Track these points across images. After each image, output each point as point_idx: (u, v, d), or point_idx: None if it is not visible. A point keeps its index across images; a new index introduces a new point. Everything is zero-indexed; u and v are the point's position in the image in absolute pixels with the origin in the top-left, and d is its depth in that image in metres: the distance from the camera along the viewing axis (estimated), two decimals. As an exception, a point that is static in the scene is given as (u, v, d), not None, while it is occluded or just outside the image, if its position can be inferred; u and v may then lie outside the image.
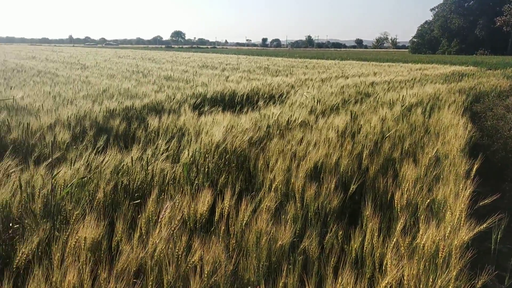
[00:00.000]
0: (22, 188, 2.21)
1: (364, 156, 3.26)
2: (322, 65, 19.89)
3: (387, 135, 3.92)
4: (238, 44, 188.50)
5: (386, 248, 1.80)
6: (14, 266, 1.71)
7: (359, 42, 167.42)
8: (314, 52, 66.30)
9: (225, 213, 2.14)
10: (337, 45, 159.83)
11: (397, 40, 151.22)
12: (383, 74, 13.66)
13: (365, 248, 1.86)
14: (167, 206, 2.10)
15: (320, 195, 2.44)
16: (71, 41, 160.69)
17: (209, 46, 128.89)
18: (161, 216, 2.05)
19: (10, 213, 2.16)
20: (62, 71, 13.16)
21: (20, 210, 2.11)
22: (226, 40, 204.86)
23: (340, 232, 2.05)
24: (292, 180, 2.66)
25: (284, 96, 7.35)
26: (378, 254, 1.82)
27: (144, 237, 1.99)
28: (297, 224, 2.01)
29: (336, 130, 3.97)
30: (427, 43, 75.59)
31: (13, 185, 2.29)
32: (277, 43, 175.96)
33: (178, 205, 2.14)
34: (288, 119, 4.36)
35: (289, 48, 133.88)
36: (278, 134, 3.92)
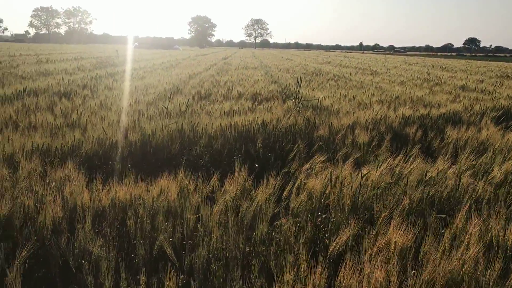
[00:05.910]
0: (332, 182, 2.40)
1: None
2: None
3: None
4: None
5: None
6: (329, 254, 1.88)
7: None
8: None
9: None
10: None
11: None
12: None
13: None
14: (476, 224, 1.97)
15: None
16: (361, 47, 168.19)
17: (507, 55, 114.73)
18: (468, 234, 1.93)
19: (320, 203, 2.40)
20: (354, 76, 13.90)
21: (331, 202, 2.32)
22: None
23: None
24: None
25: None
26: None
27: (448, 252, 1.91)
28: None
29: None
30: None
31: (324, 179, 2.53)
32: None
33: (489, 227, 1.98)
34: None
35: None
36: None
